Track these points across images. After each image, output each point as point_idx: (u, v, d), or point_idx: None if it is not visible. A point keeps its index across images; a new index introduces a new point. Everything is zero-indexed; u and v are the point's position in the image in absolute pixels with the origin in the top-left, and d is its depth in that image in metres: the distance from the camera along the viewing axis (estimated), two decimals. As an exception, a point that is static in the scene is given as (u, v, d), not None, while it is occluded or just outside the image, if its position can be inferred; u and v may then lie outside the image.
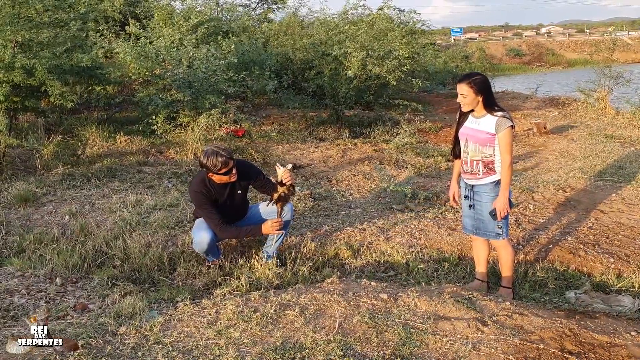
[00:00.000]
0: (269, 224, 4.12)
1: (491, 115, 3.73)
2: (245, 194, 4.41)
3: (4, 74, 6.33)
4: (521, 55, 47.66)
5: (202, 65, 8.99)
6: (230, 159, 4.01)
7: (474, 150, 3.81)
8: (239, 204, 4.38)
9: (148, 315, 3.38)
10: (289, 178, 4.13)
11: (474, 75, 3.79)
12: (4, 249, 4.81)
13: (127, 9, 14.27)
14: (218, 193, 4.16)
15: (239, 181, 4.23)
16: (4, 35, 6.31)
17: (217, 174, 4.01)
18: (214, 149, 4.01)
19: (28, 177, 6.72)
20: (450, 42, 42.36)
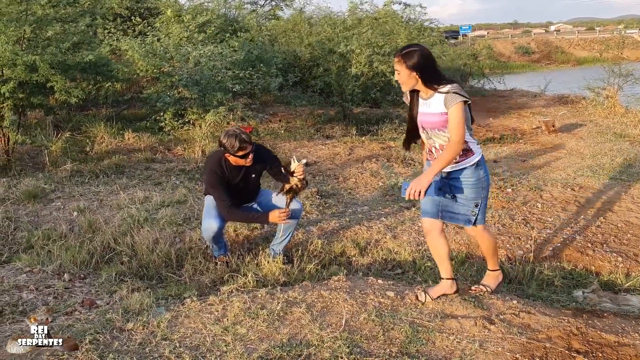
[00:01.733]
0: (277, 213, 4.09)
1: (438, 93, 3.18)
2: (259, 178, 4.43)
3: (8, 70, 6.36)
4: (530, 53, 47.39)
5: (209, 63, 9.00)
6: (249, 144, 4.03)
7: (435, 135, 3.31)
8: (252, 187, 4.41)
9: (155, 312, 3.39)
10: (301, 172, 4.10)
11: (407, 48, 3.23)
12: (13, 245, 4.84)
13: (134, 5, 14.30)
14: (232, 174, 4.18)
15: (255, 165, 4.24)
16: (7, 32, 6.34)
17: (234, 155, 4.04)
18: (235, 131, 4.05)
19: (37, 173, 6.75)
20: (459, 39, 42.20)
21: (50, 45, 6.95)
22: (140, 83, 11.08)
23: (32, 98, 7.18)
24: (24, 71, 6.34)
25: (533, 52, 47.80)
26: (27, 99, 7.10)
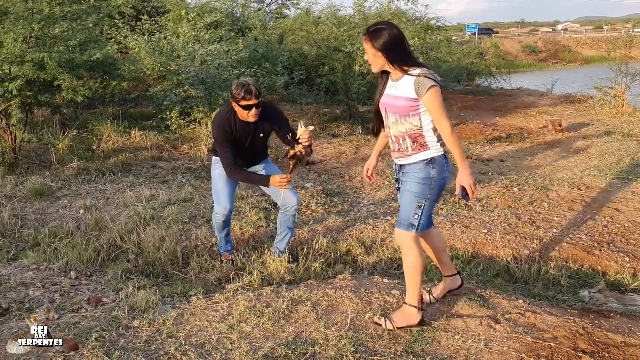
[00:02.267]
0: (277, 178, 4.02)
1: (407, 75, 2.95)
2: (266, 139, 4.35)
3: (16, 68, 6.39)
4: (537, 52, 47.21)
5: (214, 62, 9.02)
6: (254, 96, 3.94)
7: (395, 122, 3.06)
8: (259, 148, 4.32)
9: (161, 309, 3.40)
10: (307, 139, 3.96)
11: (374, 25, 3.01)
12: (20, 242, 4.86)
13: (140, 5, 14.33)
14: (240, 131, 4.12)
15: (262, 123, 4.16)
16: (15, 29, 6.36)
17: (238, 104, 3.97)
18: (245, 81, 3.99)
19: (43, 171, 6.78)
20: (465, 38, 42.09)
21: (57, 43, 6.98)
22: (147, 81, 11.11)
23: (39, 96, 7.21)
24: (32, 69, 6.36)
25: (540, 51, 47.61)
26: (35, 97, 7.13)
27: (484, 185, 6.44)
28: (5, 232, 5.02)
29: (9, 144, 6.95)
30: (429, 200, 3.01)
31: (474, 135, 10.42)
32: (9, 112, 6.79)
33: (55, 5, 7.22)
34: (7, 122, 6.86)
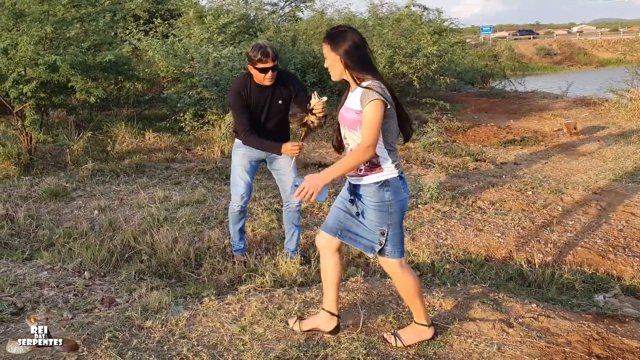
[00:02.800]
0: (289, 145, 3.96)
1: (359, 87, 2.72)
2: (286, 107, 4.22)
3: (30, 70, 6.46)
4: (552, 54, 46.87)
5: (228, 64, 9.05)
6: (271, 58, 3.90)
7: (345, 136, 2.86)
8: (279, 120, 4.22)
9: (174, 310, 3.41)
10: (320, 110, 3.80)
11: (335, 29, 2.81)
12: (35, 243, 4.91)
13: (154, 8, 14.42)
14: (256, 97, 4.06)
15: (279, 88, 4.10)
16: (30, 32, 6.43)
17: (255, 67, 3.93)
18: (263, 43, 3.97)
19: (58, 172, 6.84)
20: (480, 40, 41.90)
21: (71, 45, 7.04)
22: (161, 83, 11.18)
23: (53, 98, 7.28)
24: (46, 71, 6.43)
25: (555, 53, 47.28)
26: (49, 99, 7.20)
27: (498, 189, 6.40)
28: (20, 233, 5.07)
29: (24, 145, 7.02)
30: (392, 226, 2.78)
31: (488, 138, 10.37)
32: (24, 113, 6.86)
33: (70, 7, 7.29)
34: (22, 124, 6.94)
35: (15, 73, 6.49)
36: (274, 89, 4.08)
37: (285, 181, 4.28)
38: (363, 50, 2.73)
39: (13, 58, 6.42)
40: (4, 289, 3.73)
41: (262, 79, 3.97)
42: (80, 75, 6.69)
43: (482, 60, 19.42)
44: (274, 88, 4.07)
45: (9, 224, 5.15)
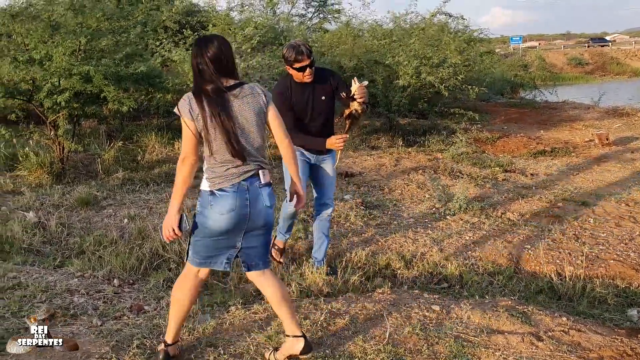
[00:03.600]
0: (333, 139, 3.98)
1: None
2: (329, 104, 4.19)
3: (64, 80, 6.60)
4: (583, 64, 46.17)
5: (256, 75, 9.13)
6: (306, 55, 3.91)
7: None
8: (324, 116, 4.19)
9: (201, 318, 3.44)
10: (362, 95, 3.90)
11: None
12: (66, 250, 5.00)
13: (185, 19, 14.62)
14: (298, 95, 4.07)
15: (320, 84, 4.10)
16: (65, 43, 6.58)
17: (292, 67, 3.96)
18: (295, 42, 3.99)
19: (89, 181, 6.97)
20: (509, 50, 41.52)
21: (104, 57, 7.19)
22: (191, 94, 11.28)
23: (86, 108, 7.43)
24: (79, 81, 6.56)
25: (586, 63, 46.55)
26: (82, 109, 7.34)
27: (528, 200, 6.31)
28: (52, 240, 5.16)
29: (57, 154, 7.17)
30: (195, 234, 2.87)
31: (518, 149, 10.24)
32: (57, 123, 7.02)
33: (104, 20, 7.45)
34: (55, 133, 7.09)
35: (50, 84, 6.65)
36: (314, 86, 4.08)
37: (325, 189, 4.34)
38: (194, 60, 2.75)
39: (48, 69, 6.58)
40: (35, 295, 3.80)
41: (302, 77, 3.99)
42: (113, 86, 6.82)
43: (512, 70, 19.21)
44: (315, 85, 4.08)
45: (41, 231, 5.25)
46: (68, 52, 6.66)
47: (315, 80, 4.05)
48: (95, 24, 7.18)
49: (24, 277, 4.12)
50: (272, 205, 2.83)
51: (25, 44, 6.90)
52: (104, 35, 7.24)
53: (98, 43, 7.17)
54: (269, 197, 2.82)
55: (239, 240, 2.81)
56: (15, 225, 5.17)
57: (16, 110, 7.67)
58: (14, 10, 7.10)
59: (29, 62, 6.68)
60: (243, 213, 2.74)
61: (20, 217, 5.43)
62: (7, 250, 4.87)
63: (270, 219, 2.84)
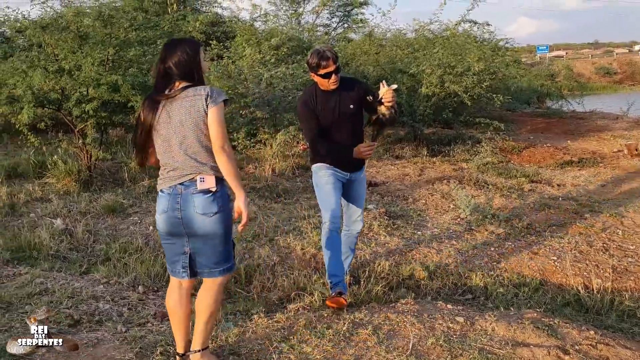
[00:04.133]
0: (361, 148, 3.82)
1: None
2: (357, 112, 3.97)
3: (93, 90, 6.71)
4: (612, 73, 45.47)
5: (280, 84, 9.18)
6: (331, 60, 3.75)
7: None
8: (352, 125, 3.96)
9: (224, 326, 3.45)
10: (390, 99, 3.71)
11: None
12: (92, 257, 5.07)
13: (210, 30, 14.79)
14: (323, 104, 3.89)
15: (346, 92, 3.91)
16: (93, 54, 6.70)
17: (317, 74, 3.81)
18: (320, 48, 3.85)
19: (116, 188, 7.06)
20: (536, 59, 41.13)
21: (131, 67, 7.30)
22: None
23: (114, 117, 7.54)
24: (107, 91, 6.67)
25: (615, 72, 45.86)
26: (109, 118, 7.46)
27: (554, 211, 6.22)
28: (79, 247, 5.24)
29: (84, 162, 7.29)
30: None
31: (544, 159, 10.11)
32: (85, 131, 7.13)
33: (132, 30, 7.57)
34: (83, 142, 7.21)
35: (79, 93, 6.77)
36: (341, 94, 3.91)
37: (355, 208, 4.18)
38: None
39: (77, 79, 6.70)
40: (62, 301, 3.86)
41: (327, 84, 3.84)
42: (140, 95, 6.92)
43: (538, 80, 18.99)
44: (341, 93, 3.91)
45: (68, 238, 5.33)
46: (97, 62, 6.78)
47: (341, 88, 3.91)
48: (123, 34, 7.30)
49: (50, 283, 4.19)
50: (206, 213, 2.74)
51: (55, 55, 7.04)
52: (131, 45, 7.35)
53: (126, 53, 7.29)
54: (202, 204, 2.75)
55: (185, 245, 2.84)
56: (43, 232, 5.26)
57: (45, 118, 7.83)
58: (44, 22, 7.26)
59: (58, 72, 6.81)
60: (174, 216, 2.77)
61: (48, 224, 5.52)
62: (35, 257, 4.96)
63: (208, 228, 2.76)
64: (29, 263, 4.81)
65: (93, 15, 7.16)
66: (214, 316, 2.91)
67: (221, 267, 2.84)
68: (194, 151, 2.76)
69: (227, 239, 2.84)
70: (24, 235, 5.23)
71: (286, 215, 5.98)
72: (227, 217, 2.81)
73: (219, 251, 2.82)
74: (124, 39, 7.28)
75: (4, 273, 4.46)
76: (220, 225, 2.78)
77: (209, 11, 15.83)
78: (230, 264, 2.89)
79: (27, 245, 5.11)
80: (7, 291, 4.00)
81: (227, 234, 2.82)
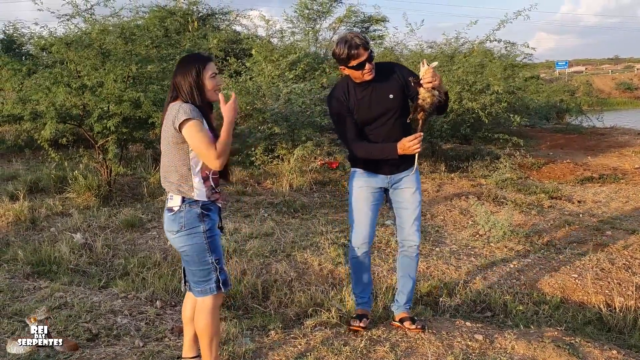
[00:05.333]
0: (406, 142, 3.25)
1: None
2: (400, 103, 3.44)
3: (115, 106, 6.81)
4: (632, 89, 45.07)
5: (298, 100, 9.24)
6: (362, 48, 3.25)
7: None
8: (395, 118, 3.44)
9: (241, 342, 3.44)
10: (430, 79, 3.17)
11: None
12: (111, 271, 5.11)
13: (229, 47, 14.96)
14: (359, 98, 3.41)
15: (384, 81, 3.41)
16: (116, 70, 6.81)
17: (347, 66, 3.32)
18: (347, 35, 3.33)
19: (135, 203, 7.12)
20: (555, 75, 40.90)
21: (152, 83, 7.40)
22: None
23: (134, 132, 7.63)
24: (129, 107, 6.76)
25: (636, 88, 45.42)
26: (130, 133, 7.55)
27: (574, 228, 6.14)
28: (98, 261, 5.29)
29: (104, 178, 7.37)
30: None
31: (564, 175, 10.01)
32: (106, 147, 7.22)
33: (152, 47, 7.68)
34: (104, 157, 7.30)
35: (100, 109, 6.87)
36: (377, 84, 3.40)
37: (405, 217, 3.56)
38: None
39: (99, 95, 6.81)
40: (80, 315, 3.88)
41: (362, 75, 3.34)
42: (161, 112, 7.00)
43: (558, 96, 18.89)
44: (378, 82, 3.40)
45: (88, 252, 5.38)
46: (119, 79, 6.89)
47: (377, 77, 3.39)
48: (144, 51, 7.41)
49: (70, 297, 4.22)
50: (170, 231, 2.81)
51: (78, 71, 7.16)
52: (152, 62, 7.45)
53: (146, 70, 7.39)
54: (167, 221, 2.83)
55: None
56: (63, 246, 5.32)
57: (67, 134, 7.94)
58: (68, 39, 7.40)
59: (81, 88, 6.92)
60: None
61: (68, 239, 5.58)
62: (55, 271, 5.02)
63: (176, 245, 2.83)
64: (49, 277, 4.87)
65: (116, 33, 7.29)
66: (213, 340, 2.87)
67: (198, 288, 2.82)
68: (166, 169, 2.83)
69: (200, 261, 2.79)
70: (45, 250, 5.30)
71: (303, 230, 5.98)
72: (192, 239, 2.77)
73: (192, 271, 2.83)
74: (145, 56, 7.39)
75: (24, 287, 4.51)
76: (184, 246, 2.78)
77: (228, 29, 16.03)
78: (206, 287, 2.81)
79: (47, 259, 5.18)
80: (27, 305, 4.04)
81: (197, 255, 2.78)
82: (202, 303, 2.83)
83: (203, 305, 2.83)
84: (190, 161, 2.78)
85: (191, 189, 2.77)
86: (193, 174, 2.78)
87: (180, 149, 2.76)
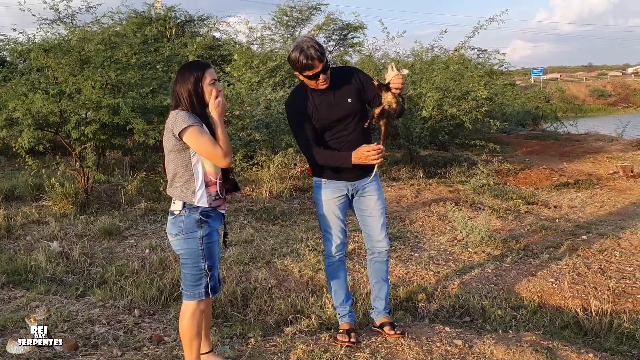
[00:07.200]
0: (364, 150, 3.21)
1: None
2: (360, 105, 3.40)
3: (92, 112, 6.74)
4: (606, 96, 45.91)
5: (278, 107, 9.24)
6: (317, 60, 3.18)
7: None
8: (354, 123, 3.40)
9: (220, 350, 3.42)
10: (400, 85, 3.13)
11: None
12: (88, 280, 5.04)
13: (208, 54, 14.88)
14: (317, 103, 3.35)
15: (343, 85, 3.36)
16: (94, 77, 6.75)
17: (302, 75, 3.28)
18: (302, 44, 3.24)
19: (113, 211, 7.05)
20: (530, 82, 41.47)
21: (131, 90, 7.34)
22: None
23: (112, 139, 7.56)
24: (107, 114, 6.70)
25: (609, 94, 46.28)
26: (108, 140, 7.47)
27: (551, 233, 6.22)
28: (75, 270, 5.22)
29: (81, 185, 7.28)
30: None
31: (540, 180, 10.15)
32: (83, 154, 7.14)
33: (132, 55, 7.63)
34: (81, 164, 7.21)
35: (78, 116, 6.79)
36: (335, 89, 3.35)
37: (372, 224, 3.57)
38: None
39: (77, 102, 6.73)
40: (57, 324, 3.82)
41: (316, 84, 3.30)
42: (140, 118, 6.95)
43: (533, 102, 19.16)
44: (336, 87, 3.35)
45: (65, 261, 5.31)
46: (97, 86, 6.83)
47: (336, 81, 3.35)
48: (124, 58, 7.36)
49: (46, 307, 4.16)
50: (170, 233, 2.91)
51: (56, 77, 7.08)
52: (131, 69, 7.40)
53: (125, 77, 7.34)
54: (169, 224, 2.92)
55: None
56: (39, 255, 5.24)
57: (44, 141, 7.84)
58: (47, 45, 7.32)
59: (58, 94, 6.84)
60: None
61: (44, 247, 5.50)
62: (31, 280, 4.94)
63: (175, 247, 2.93)
64: (25, 286, 4.79)
65: (97, 39, 7.23)
66: (193, 342, 2.91)
67: (188, 292, 2.92)
68: (170, 176, 2.91)
69: (192, 265, 2.88)
70: (20, 258, 5.21)
71: (283, 237, 5.98)
72: (188, 243, 2.86)
73: (184, 274, 2.92)
74: (125, 63, 7.34)
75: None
76: (181, 249, 2.89)
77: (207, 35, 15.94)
78: (196, 292, 2.90)
79: (23, 268, 5.09)
80: (2, 315, 3.97)
81: (191, 260, 2.88)
82: (186, 305, 2.91)
83: (187, 307, 2.91)
84: (192, 167, 2.85)
85: (193, 194, 2.84)
86: (196, 180, 2.86)
87: (182, 156, 2.84)
